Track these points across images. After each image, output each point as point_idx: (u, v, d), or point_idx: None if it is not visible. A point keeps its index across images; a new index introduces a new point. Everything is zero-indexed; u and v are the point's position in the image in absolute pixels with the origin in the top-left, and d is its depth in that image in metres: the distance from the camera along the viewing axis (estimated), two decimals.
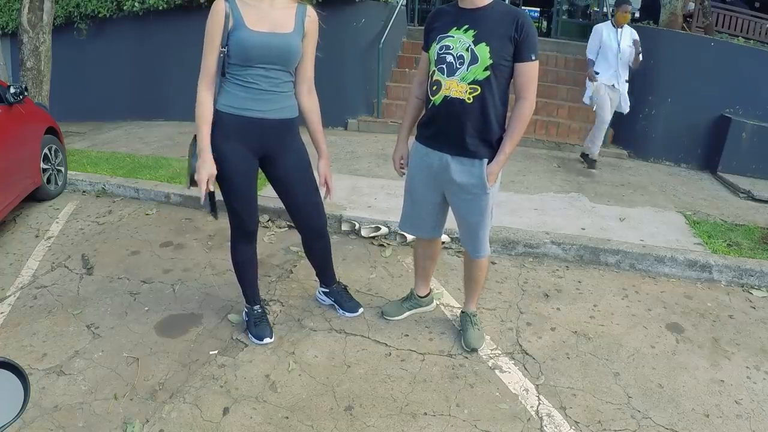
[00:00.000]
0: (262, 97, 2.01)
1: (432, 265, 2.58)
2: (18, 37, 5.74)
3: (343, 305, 2.67)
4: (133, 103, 7.44)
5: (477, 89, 1.95)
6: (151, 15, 6.78)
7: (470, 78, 1.94)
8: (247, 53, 1.93)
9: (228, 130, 2.04)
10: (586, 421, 2.04)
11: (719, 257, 3.21)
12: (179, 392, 2.16)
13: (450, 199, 2.20)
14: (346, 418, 2.04)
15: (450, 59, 1.96)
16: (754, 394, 2.23)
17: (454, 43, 1.95)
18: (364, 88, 6.41)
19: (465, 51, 1.92)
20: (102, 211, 3.99)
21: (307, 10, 2.05)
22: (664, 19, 6.31)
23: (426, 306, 2.69)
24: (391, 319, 2.62)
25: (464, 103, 1.97)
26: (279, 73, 2.01)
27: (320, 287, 2.75)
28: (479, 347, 2.42)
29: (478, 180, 2.07)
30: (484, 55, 1.90)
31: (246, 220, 2.25)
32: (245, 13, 1.93)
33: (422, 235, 2.42)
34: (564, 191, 4.38)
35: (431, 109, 2.08)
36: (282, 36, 1.96)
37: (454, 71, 1.96)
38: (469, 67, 1.92)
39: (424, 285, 2.65)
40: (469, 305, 2.53)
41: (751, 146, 5.15)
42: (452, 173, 2.09)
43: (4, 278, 3.03)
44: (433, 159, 2.12)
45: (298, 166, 2.23)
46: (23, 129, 3.79)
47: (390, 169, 4.70)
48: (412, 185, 2.27)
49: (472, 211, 2.15)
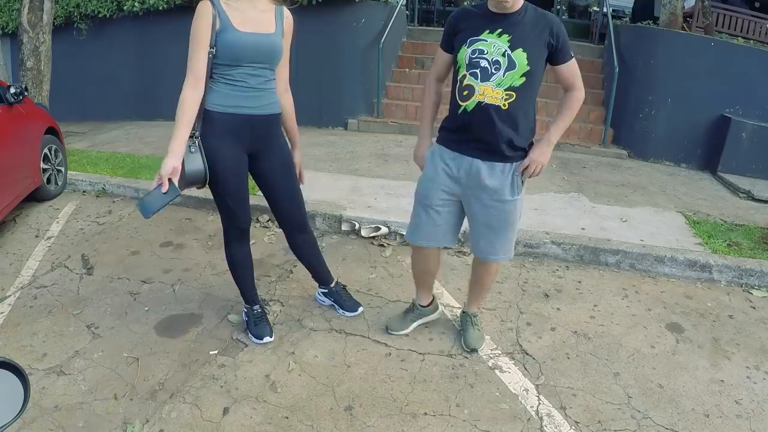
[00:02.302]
0: (251, 94, 2.05)
1: (432, 277, 2.48)
2: (18, 37, 5.74)
3: (343, 305, 2.67)
4: (133, 103, 7.44)
5: (512, 95, 1.91)
6: (151, 15, 6.78)
7: (507, 84, 1.89)
8: (236, 53, 1.97)
9: (220, 128, 2.06)
10: (586, 421, 2.04)
11: (719, 257, 3.20)
12: (179, 392, 2.16)
13: (476, 204, 2.10)
14: (346, 418, 2.04)
15: (484, 64, 1.90)
16: (754, 394, 2.23)
17: (488, 48, 1.89)
18: (364, 88, 6.41)
19: (501, 56, 1.88)
20: (102, 211, 3.99)
21: (284, 11, 2.11)
22: (664, 19, 6.31)
23: (431, 315, 2.59)
24: (396, 333, 2.51)
25: (500, 110, 1.92)
26: (264, 71, 2.06)
27: (319, 288, 2.75)
28: (479, 347, 2.41)
29: (510, 184, 2.04)
30: (521, 61, 1.87)
31: (240, 218, 2.27)
32: (231, 15, 1.96)
33: (436, 245, 2.27)
34: (564, 191, 4.38)
35: (462, 116, 1.99)
36: (267, 36, 2.02)
37: (489, 76, 1.90)
38: (506, 72, 1.88)
39: (426, 294, 2.54)
40: (471, 306, 2.50)
41: (751, 146, 5.15)
42: (483, 178, 2.02)
43: (4, 278, 3.03)
44: (461, 164, 2.05)
45: (283, 161, 2.27)
46: (23, 129, 3.79)
47: (390, 169, 4.71)
48: (428, 191, 2.15)
49: (498, 217, 2.09)
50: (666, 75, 5.53)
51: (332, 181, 4.35)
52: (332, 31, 6.14)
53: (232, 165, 2.13)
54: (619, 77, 5.62)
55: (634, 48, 5.97)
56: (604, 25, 7.04)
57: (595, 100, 6.34)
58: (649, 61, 5.63)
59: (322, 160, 4.97)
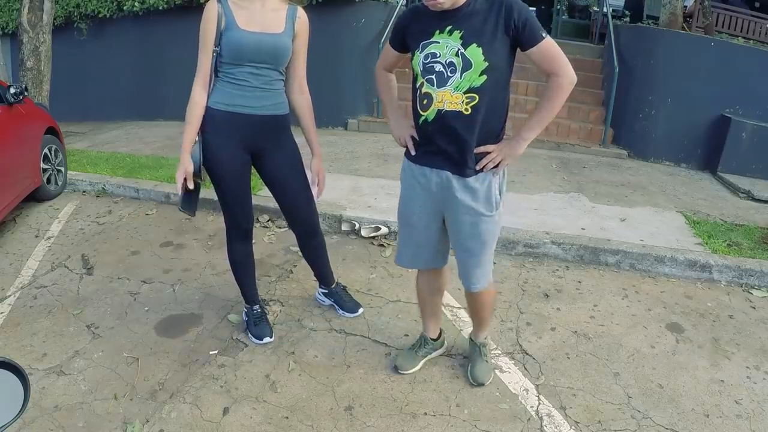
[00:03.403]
0: (254, 94, 2.06)
1: (440, 299, 2.30)
2: (18, 37, 5.74)
3: (343, 305, 2.67)
4: (133, 103, 7.44)
5: (475, 98, 1.70)
6: (151, 15, 6.78)
7: (465, 86, 1.69)
8: (238, 52, 1.98)
9: (220, 127, 2.07)
10: (586, 421, 2.04)
11: (719, 257, 3.20)
12: (179, 392, 2.16)
13: (449, 220, 1.94)
14: (346, 418, 2.04)
15: (439, 68, 1.70)
16: (754, 394, 2.23)
17: (440, 50, 1.69)
18: (364, 88, 6.40)
19: (455, 56, 1.67)
20: (102, 211, 3.99)
21: (298, 11, 2.10)
22: (664, 19, 6.31)
23: (441, 349, 2.39)
24: (407, 373, 2.28)
25: (462, 116, 1.72)
26: (269, 71, 2.05)
27: (319, 288, 2.75)
28: (486, 382, 2.22)
29: (484, 197, 1.84)
30: (477, 58, 1.65)
31: (241, 218, 2.28)
32: (237, 14, 1.98)
33: (423, 266, 2.12)
34: (564, 191, 4.38)
35: (424, 126, 1.81)
36: (272, 36, 2.01)
37: (446, 81, 1.70)
38: (462, 74, 1.68)
39: (434, 325, 2.32)
40: (478, 334, 2.29)
41: (751, 146, 5.15)
42: (455, 191, 1.84)
43: (4, 278, 3.03)
44: (431, 178, 1.87)
45: (291, 162, 2.25)
46: (23, 129, 3.79)
47: (390, 169, 4.71)
48: (407, 210, 1.99)
49: (473, 235, 1.89)
50: (666, 75, 5.53)
51: (332, 181, 4.33)
52: (332, 31, 6.14)
53: (233, 164, 2.14)
54: (619, 77, 5.62)
55: (634, 48, 5.98)
56: (604, 24, 7.04)
57: (595, 100, 6.35)
58: (649, 61, 5.63)
59: (322, 160, 4.95)
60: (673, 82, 5.51)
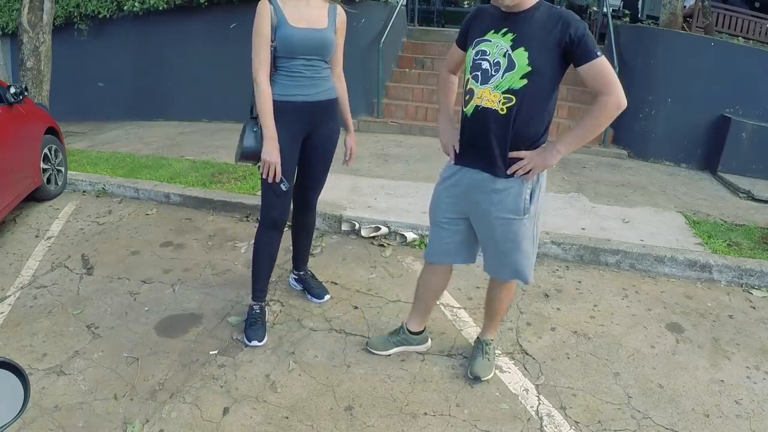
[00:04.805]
0: (307, 83, 2.25)
1: (436, 299, 2.35)
2: (18, 37, 5.74)
3: (311, 291, 2.81)
4: (133, 103, 7.43)
5: (512, 99, 1.74)
6: (151, 15, 6.77)
7: (505, 86, 1.74)
8: (291, 47, 2.16)
9: (281, 116, 2.20)
10: (586, 421, 2.04)
11: (719, 257, 3.20)
12: (179, 392, 2.16)
13: (477, 220, 1.96)
14: (346, 418, 2.04)
15: (486, 66, 1.77)
16: (754, 394, 2.23)
17: (491, 48, 1.76)
18: (363, 88, 6.40)
19: (502, 57, 1.73)
20: (102, 211, 3.99)
21: (337, 8, 2.33)
22: (664, 19, 6.32)
23: (417, 345, 2.39)
24: (375, 353, 2.37)
25: (496, 115, 1.77)
26: (318, 62, 2.26)
27: (292, 272, 2.88)
28: (484, 377, 2.22)
29: (512, 201, 1.86)
30: (521, 62, 1.70)
31: (280, 208, 2.36)
32: (287, 12, 2.15)
33: (450, 261, 2.14)
34: (564, 191, 4.38)
35: (463, 121, 1.90)
36: (319, 31, 2.21)
37: (488, 79, 1.76)
38: (504, 74, 1.73)
39: (418, 319, 2.34)
40: (486, 332, 2.31)
41: (751, 146, 5.14)
42: (483, 191, 1.88)
43: (4, 278, 3.03)
44: (463, 177, 1.93)
45: (326, 144, 2.44)
46: (23, 129, 3.79)
47: (390, 169, 4.71)
48: (434, 208, 2.06)
49: (504, 236, 1.91)
50: (666, 75, 5.53)
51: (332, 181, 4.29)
52: None
53: (289, 155, 2.27)
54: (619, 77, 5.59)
55: (634, 48, 5.98)
56: (604, 24, 7.04)
57: None
58: (649, 61, 5.63)
59: None
60: (673, 82, 5.51)
